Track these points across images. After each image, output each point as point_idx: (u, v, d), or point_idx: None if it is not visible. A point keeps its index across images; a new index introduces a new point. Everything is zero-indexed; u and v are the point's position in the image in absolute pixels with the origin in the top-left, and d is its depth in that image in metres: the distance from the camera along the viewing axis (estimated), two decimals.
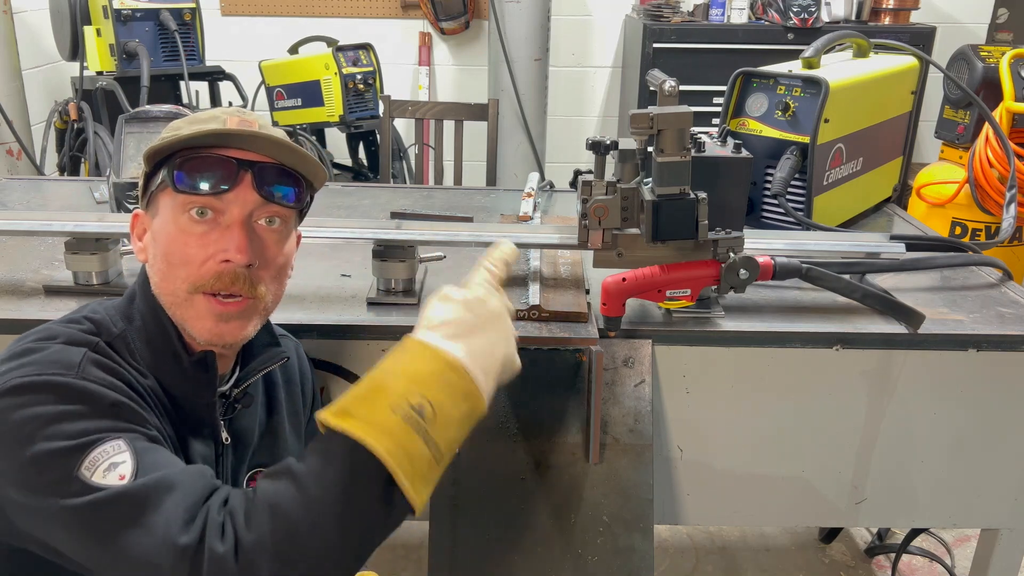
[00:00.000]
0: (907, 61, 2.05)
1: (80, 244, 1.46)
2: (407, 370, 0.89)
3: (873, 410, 1.47)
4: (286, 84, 3.48)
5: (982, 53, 2.92)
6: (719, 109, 1.88)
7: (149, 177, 1.04)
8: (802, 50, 1.85)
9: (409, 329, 0.96)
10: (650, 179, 1.27)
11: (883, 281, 1.61)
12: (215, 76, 3.40)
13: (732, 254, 1.30)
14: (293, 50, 3.59)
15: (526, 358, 1.39)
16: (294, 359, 1.26)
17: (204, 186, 0.99)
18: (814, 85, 1.75)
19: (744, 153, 1.44)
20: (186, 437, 1.05)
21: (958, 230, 2.88)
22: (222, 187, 0.99)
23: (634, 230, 1.31)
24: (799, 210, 1.78)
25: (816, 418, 1.47)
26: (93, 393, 0.91)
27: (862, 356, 1.43)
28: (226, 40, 3.94)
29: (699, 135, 1.45)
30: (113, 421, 0.90)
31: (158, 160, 1.02)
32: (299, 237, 1.16)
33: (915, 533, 2.06)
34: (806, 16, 3.50)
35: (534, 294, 1.42)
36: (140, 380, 0.99)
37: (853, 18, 3.68)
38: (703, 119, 2.67)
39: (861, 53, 2.04)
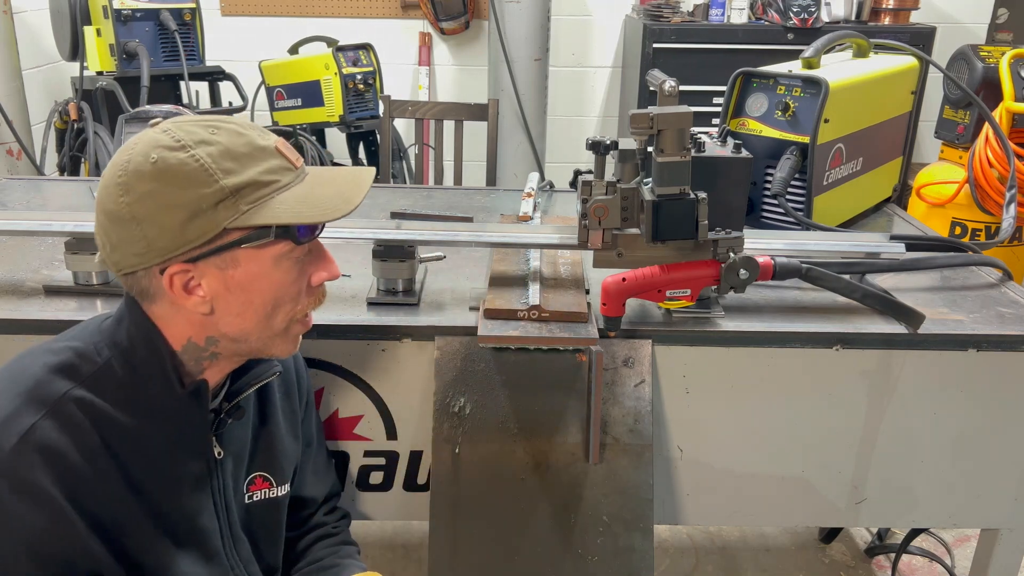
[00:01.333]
0: (907, 61, 2.05)
1: (80, 244, 1.46)
2: None
3: (873, 410, 1.47)
4: (286, 84, 3.48)
5: (982, 53, 2.92)
6: (719, 109, 1.88)
7: (212, 238, 0.95)
8: (802, 50, 1.85)
9: (409, 329, 0.98)
10: (650, 179, 1.27)
11: (883, 281, 1.61)
12: (215, 76, 3.40)
13: (732, 254, 1.30)
14: (293, 50, 3.59)
15: (526, 358, 1.40)
16: (288, 360, 1.26)
17: (315, 232, 1.02)
18: (814, 85, 1.75)
19: (744, 153, 1.44)
20: (176, 459, 1.04)
21: (958, 230, 2.88)
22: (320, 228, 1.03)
23: (634, 230, 1.31)
24: (799, 210, 1.78)
25: (816, 418, 1.47)
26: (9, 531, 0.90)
27: (862, 356, 1.43)
28: (226, 40, 3.94)
29: (699, 135, 1.45)
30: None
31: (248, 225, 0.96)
32: None
33: (915, 533, 2.06)
34: (806, 16, 3.50)
35: (534, 294, 1.42)
36: (118, 420, 0.98)
37: (853, 18, 3.68)
38: (703, 119, 2.67)
39: (861, 53, 2.04)
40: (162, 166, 0.92)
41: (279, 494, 1.21)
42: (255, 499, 1.18)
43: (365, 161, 3.66)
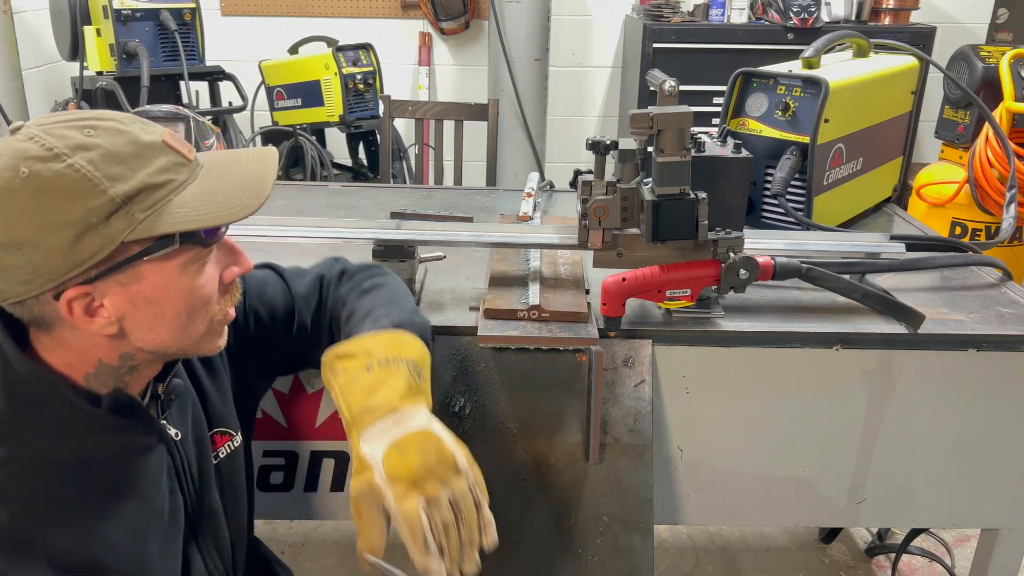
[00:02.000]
0: (907, 61, 2.05)
1: None
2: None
3: (873, 410, 1.47)
4: (286, 84, 3.48)
5: (982, 53, 2.92)
6: (719, 109, 1.88)
7: (109, 255, 0.85)
8: (802, 50, 1.85)
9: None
10: (650, 179, 1.27)
11: (883, 281, 1.61)
12: (215, 76, 3.40)
13: (732, 254, 1.30)
14: (293, 50, 3.59)
15: (526, 358, 1.40)
16: None
17: (221, 231, 0.94)
18: (814, 85, 1.75)
19: (744, 153, 1.44)
20: (132, 465, 0.97)
21: (958, 230, 2.88)
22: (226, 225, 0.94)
23: (634, 230, 1.31)
24: (799, 210, 1.78)
25: (816, 418, 1.47)
26: None
27: (862, 356, 1.43)
28: (226, 40, 3.94)
29: (699, 135, 1.45)
30: None
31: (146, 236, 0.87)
32: None
33: (915, 533, 2.06)
34: (806, 16, 3.50)
35: (534, 294, 1.42)
36: (48, 460, 0.90)
37: (853, 18, 3.68)
38: (703, 119, 2.68)
39: (861, 53, 2.04)
40: (36, 181, 0.81)
41: (237, 442, 1.18)
42: (221, 456, 1.14)
43: (365, 161, 3.66)
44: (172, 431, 1.04)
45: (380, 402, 1.02)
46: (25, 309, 0.88)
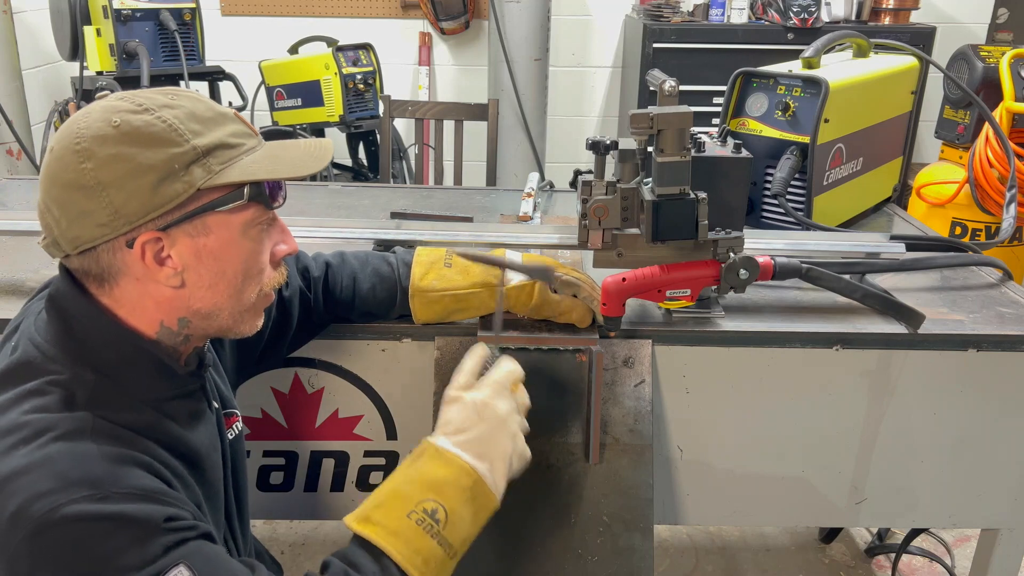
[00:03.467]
0: (907, 61, 2.05)
1: None
2: (424, 476, 1.02)
3: (873, 410, 1.47)
4: (286, 84, 3.48)
5: (982, 53, 2.92)
6: (719, 109, 1.88)
7: (185, 201, 0.91)
8: (802, 50, 1.85)
9: (409, 329, 0.97)
10: (650, 179, 1.27)
11: (883, 281, 1.61)
12: (215, 76, 3.40)
13: (732, 254, 1.30)
14: (293, 50, 3.59)
15: (526, 358, 1.40)
16: None
17: (281, 196, 1.00)
18: (814, 85, 1.75)
19: (744, 153, 1.44)
20: (193, 434, 1.01)
21: (958, 230, 2.88)
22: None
23: (634, 230, 1.31)
24: (799, 210, 1.78)
25: (816, 418, 1.47)
26: (139, 520, 0.84)
27: (862, 356, 1.43)
28: (226, 40, 3.94)
29: (699, 135, 1.45)
30: (167, 537, 0.85)
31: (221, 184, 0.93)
32: None
33: (915, 533, 2.06)
34: (806, 16, 3.50)
35: None
36: (143, 429, 0.92)
37: (853, 18, 3.68)
38: (703, 119, 2.68)
39: (861, 53, 2.04)
40: (127, 128, 0.87)
41: (241, 425, 1.20)
42: (231, 436, 1.17)
43: (365, 161, 3.66)
44: (214, 404, 1.08)
45: (483, 265, 1.30)
46: (92, 259, 0.91)
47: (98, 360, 0.93)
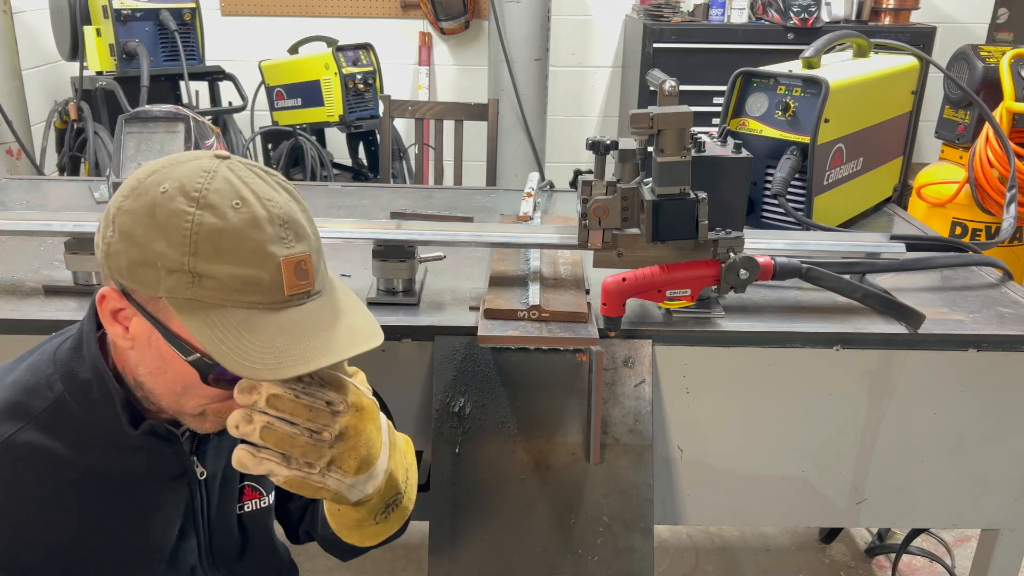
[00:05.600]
0: (907, 61, 2.05)
1: (80, 244, 1.46)
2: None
3: (873, 410, 1.47)
4: (286, 84, 3.48)
5: (982, 53, 2.92)
6: (719, 109, 1.88)
7: (147, 298, 0.85)
8: (802, 50, 1.85)
9: (409, 329, 0.95)
10: (650, 179, 1.27)
11: (883, 281, 1.61)
12: (215, 76, 3.40)
13: (732, 254, 1.30)
14: (293, 50, 3.59)
15: (526, 358, 1.40)
16: None
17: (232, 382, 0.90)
18: (814, 85, 1.75)
19: (744, 153, 1.44)
20: (148, 490, 0.97)
21: (958, 230, 2.88)
22: None
23: (634, 230, 1.31)
24: (799, 210, 1.78)
25: (816, 418, 1.47)
26: None
27: (862, 356, 1.43)
28: (226, 40, 3.94)
29: (699, 135, 1.45)
30: None
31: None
32: None
33: (915, 533, 2.06)
34: (806, 16, 3.49)
35: (534, 294, 1.42)
36: (73, 462, 0.90)
37: (853, 18, 3.68)
38: (703, 119, 2.68)
39: (861, 53, 2.04)
40: (162, 201, 0.82)
41: (269, 502, 1.17)
42: (247, 510, 1.14)
43: (365, 161, 3.66)
44: (199, 469, 1.02)
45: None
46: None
47: (77, 380, 0.92)
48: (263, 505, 1.16)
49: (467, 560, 1.36)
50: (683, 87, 1.24)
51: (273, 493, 1.19)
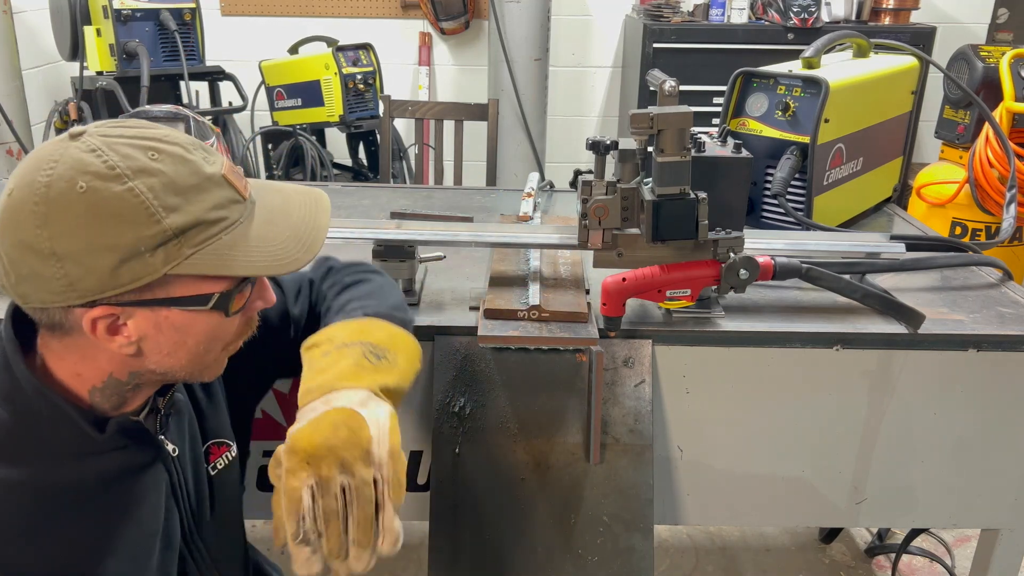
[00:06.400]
0: (907, 61, 2.05)
1: None
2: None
3: (873, 410, 1.47)
4: (286, 84, 3.48)
5: (982, 53, 2.92)
6: (719, 109, 1.88)
7: (147, 284, 0.83)
8: (802, 50, 1.85)
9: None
10: (650, 179, 1.27)
11: (883, 281, 1.61)
12: (215, 76, 3.40)
13: (732, 254, 1.30)
14: (293, 50, 3.59)
15: (526, 358, 1.40)
16: None
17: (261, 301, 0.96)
18: (814, 85, 1.75)
19: (744, 153, 1.44)
20: (127, 481, 0.95)
21: (958, 230, 2.88)
22: None
23: (634, 230, 1.31)
24: (799, 210, 1.78)
25: (816, 418, 1.47)
26: None
27: (862, 356, 1.43)
28: (226, 40, 3.94)
29: (699, 135, 1.45)
30: None
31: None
32: None
33: (915, 533, 2.06)
34: (806, 16, 3.50)
35: (534, 294, 1.42)
36: (43, 484, 0.87)
37: (853, 18, 3.68)
38: (703, 119, 2.68)
39: (861, 53, 2.04)
40: (93, 198, 0.78)
41: (234, 453, 1.16)
42: (218, 467, 1.12)
43: (365, 161, 3.66)
44: (170, 447, 1.01)
45: (319, 383, 0.97)
46: (45, 314, 0.85)
47: (20, 409, 0.87)
48: (231, 457, 1.15)
49: (467, 560, 1.36)
50: (683, 87, 1.24)
51: (236, 445, 1.17)
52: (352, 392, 0.96)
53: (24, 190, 0.79)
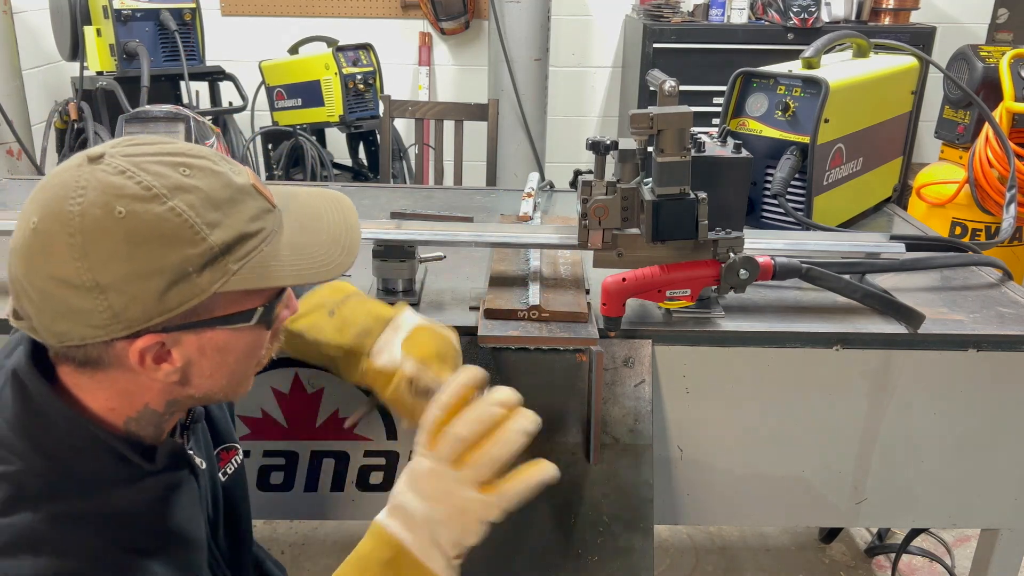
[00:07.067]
0: (907, 61, 2.05)
1: None
2: (357, 553, 0.91)
3: (873, 410, 1.47)
4: (286, 84, 3.48)
5: (982, 53, 2.92)
6: (719, 109, 1.88)
7: (195, 307, 0.80)
8: (802, 50, 1.85)
9: None
10: (650, 179, 1.27)
11: (883, 281, 1.61)
12: (215, 76, 3.40)
13: (732, 254, 1.30)
14: (293, 50, 3.59)
15: (526, 358, 1.40)
16: None
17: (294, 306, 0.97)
18: (814, 85, 1.75)
19: (744, 153, 1.44)
20: (171, 501, 0.93)
21: (958, 230, 2.88)
22: None
23: (634, 230, 1.31)
24: (799, 210, 1.78)
25: (816, 418, 1.47)
26: None
27: (862, 356, 1.43)
28: (226, 40, 3.94)
29: (699, 135, 1.45)
30: None
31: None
32: None
33: (915, 533, 2.06)
34: (806, 16, 3.50)
35: (534, 294, 1.42)
36: (100, 519, 0.83)
37: (853, 18, 3.68)
38: (703, 119, 2.68)
39: (861, 53, 2.04)
40: (134, 223, 0.74)
41: (241, 457, 1.16)
42: (229, 473, 1.12)
43: (365, 161, 3.66)
44: (198, 460, 1.00)
45: (370, 323, 1.02)
46: (81, 351, 0.80)
47: (54, 448, 0.83)
48: (239, 461, 1.15)
49: (467, 560, 1.36)
50: (683, 87, 1.24)
51: (240, 447, 1.17)
52: (404, 313, 1.16)
53: (52, 221, 0.75)
